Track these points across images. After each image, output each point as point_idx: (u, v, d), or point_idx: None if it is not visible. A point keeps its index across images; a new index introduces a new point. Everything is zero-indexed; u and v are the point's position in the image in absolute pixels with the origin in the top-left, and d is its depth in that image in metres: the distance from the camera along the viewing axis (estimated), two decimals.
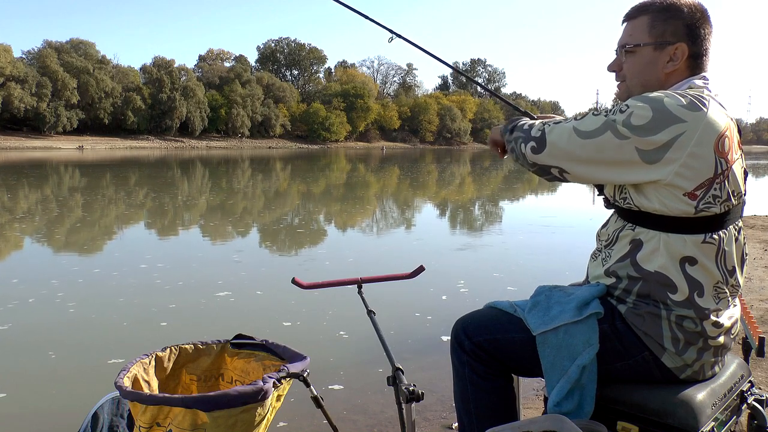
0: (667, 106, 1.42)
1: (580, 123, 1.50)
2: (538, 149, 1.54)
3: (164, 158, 41.94)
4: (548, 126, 1.54)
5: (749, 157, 60.52)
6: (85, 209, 12.17)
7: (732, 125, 1.51)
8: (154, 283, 5.82)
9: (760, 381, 3.13)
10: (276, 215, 11.86)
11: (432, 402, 3.12)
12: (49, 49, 68.43)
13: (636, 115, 1.42)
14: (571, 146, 1.49)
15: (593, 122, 1.47)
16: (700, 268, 1.48)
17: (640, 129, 1.41)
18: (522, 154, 1.58)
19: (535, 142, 1.54)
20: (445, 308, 4.90)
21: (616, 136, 1.43)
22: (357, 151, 72.25)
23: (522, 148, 1.58)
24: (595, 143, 1.46)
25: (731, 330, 1.57)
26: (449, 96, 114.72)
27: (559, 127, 1.52)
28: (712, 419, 1.48)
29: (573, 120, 1.52)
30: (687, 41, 1.54)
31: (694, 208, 1.44)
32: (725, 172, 1.45)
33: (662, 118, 1.41)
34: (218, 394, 1.63)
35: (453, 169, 31.84)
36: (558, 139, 1.51)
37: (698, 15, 1.56)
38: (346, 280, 2.08)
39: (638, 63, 1.59)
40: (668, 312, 1.50)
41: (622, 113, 1.44)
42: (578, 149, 1.48)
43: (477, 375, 1.66)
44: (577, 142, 1.48)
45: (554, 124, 1.54)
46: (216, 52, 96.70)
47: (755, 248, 7.52)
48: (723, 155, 1.45)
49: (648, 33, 1.57)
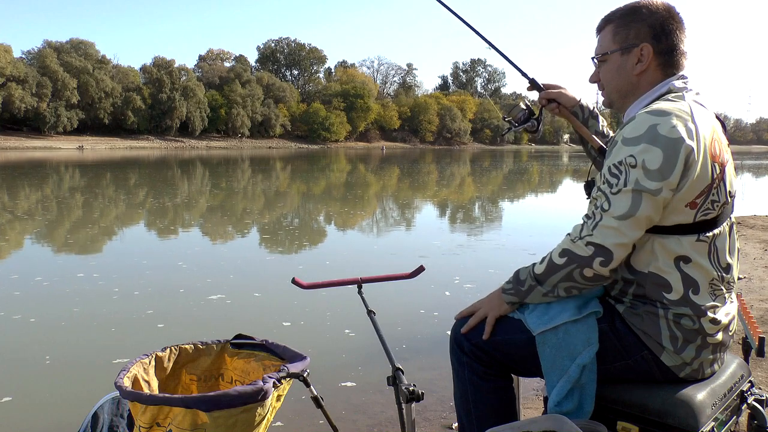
0: (664, 134, 1.42)
1: (614, 210, 1.44)
2: (607, 260, 1.46)
3: (164, 158, 41.94)
4: (591, 236, 1.46)
5: (749, 157, 60.64)
6: (85, 209, 12.17)
7: (716, 125, 1.52)
8: (155, 282, 5.82)
9: (760, 381, 3.13)
10: (276, 215, 11.86)
11: (432, 402, 3.12)
12: (49, 49, 68.45)
13: (649, 161, 1.41)
14: (629, 234, 1.44)
15: (624, 200, 1.43)
16: (695, 266, 1.49)
17: (663, 172, 1.41)
18: (593, 276, 1.49)
19: (598, 256, 1.46)
20: (446, 309, 4.90)
21: (653, 195, 1.42)
22: (357, 151, 72.24)
23: (588, 272, 1.48)
24: (644, 213, 1.43)
25: (729, 327, 1.57)
26: (449, 96, 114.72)
27: (601, 228, 1.45)
28: (712, 419, 1.48)
29: (602, 212, 1.46)
30: (651, 41, 1.57)
31: (693, 217, 1.47)
32: (720, 175, 1.48)
33: (671, 149, 1.41)
34: (218, 394, 1.63)
35: (453, 169, 31.83)
36: (614, 238, 1.44)
37: (661, 14, 1.58)
38: (346, 280, 2.07)
39: (610, 70, 1.64)
40: (665, 311, 1.50)
41: (635, 168, 1.41)
42: (635, 230, 1.44)
43: (477, 376, 1.66)
44: (629, 226, 1.44)
45: (592, 230, 1.46)
46: (216, 52, 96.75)
47: (755, 248, 7.52)
48: (716, 159, 1.47)
49: (613, 40, 1.62)
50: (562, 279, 1.52)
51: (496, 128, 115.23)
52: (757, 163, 44.02)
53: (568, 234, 1.53)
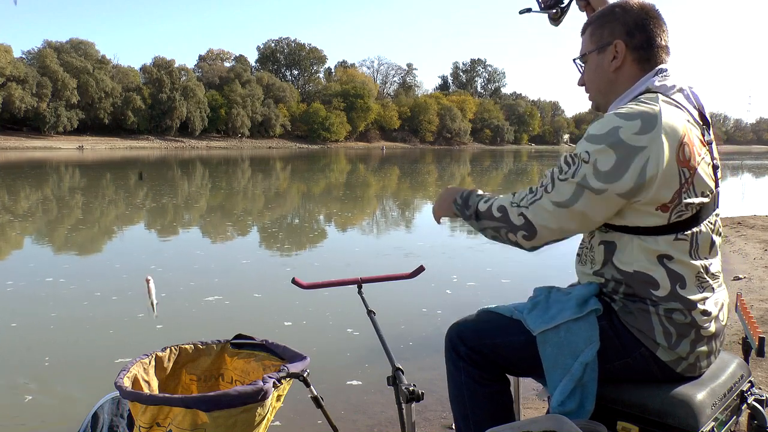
0: (624, 139, 1.43)
1: (554, 195, 1.49)
2: (530, 236, 1.53)
3: (164, 158, 41.94)
4: (526, 209, 1.53)
5: (749, 157, 60.60)
6: (84, 209, 12.17)
7: (690, 127, 1.50)
8: (154, 282, 5.81)
9: (760, 381, 3.13)
10: (276, 215, 11.86)
11: (432, 402, 3.12)
12: (49, 49, 68.41)
13: (601, 161, 1.44)
14: (559, 222, 1.50)
15: (567, 189, 1.48)
16: (678, 263, 1.50)
17: (611, 175, 1.43)
18: (514, 242, 1.58)
19: (524, 230, 1.53)
20: (446, 309, 4.90)
21: (595, 194, 1.45)
22: (357, 151, 72.24)
23: (511, 236, 1.57)
24: (579, 208, 1.47)
25: (719, 316, 1.57)
26: (449, 96, 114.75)
27: (537, 206, 1.51)
28: (712, 419, 1.48)
29: (545, 191, 1.51)
30: (624, 37, 1.60)
31: (666, 219, 1.48)
32: (690, 179, 1.47)
33: (626, 155, 1.42)
34: (218, 394, 1.63)
35: (453, 169, 31.83)
36: (544, 220, 1.50)
37: (635, 12, 1.60)
38: (346, 280, 2.07)
39: (590, 71, 1.68)
40: (656, 307, 1.51)
41: (587, 164, 1.45)
42: (567, 221, 1.50)
43: (473, 380, 1.65)
44: (562, 215, 1.49)
45: (530, 204, 1.52)
46: (216, 52, 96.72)
47: (755, 248, 7.52)
48: (685, 164, 1.46)
49: (590, 41, 1.67)
50: (492, 228, 1.61)
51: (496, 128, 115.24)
52: (757, 163, 44.02)
53: (513, 193, 1.60)
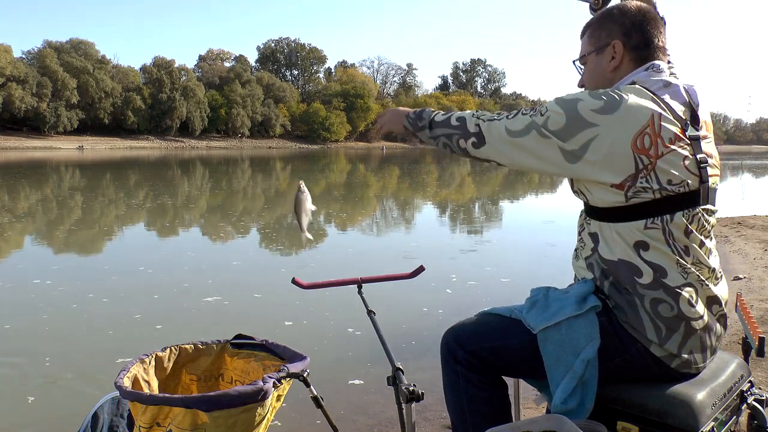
0: (580, 111, 1.50)
1: (511, 122, 1.60)
2: (479, 144, 1.64)
3: (164, 158, 41.94)
4: (483, 122, 1.64)
5: (749, 157, 60.57)
6: (84, 209, 12.17)
7: (661, 120, 1.49)
8: (154, 282, 5.82)
9: (760, 381, 3.13)
10: (276, 215, 11.86)
11: (432, 402, 3.12)
12: (49, 49, 68.44)
13: (552, 120, 1.53)
14: (504, 144, 1.60)
15: (521, 122, 1.58)
16: (654, 251, 1.51)
17: (557, 133, 1.52)
18: (462, 148, 1.68)
19: (475, 138, 1.65)
20: (446, 309, 4.90)
21: (540, 135, 1.54)
22: (357, 151, 72.24)
23: (461, 143, 1.67)
24: (524, 141, 1.57)
25: (713, 310, 1.56)
26: (449, 96, 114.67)
27: (494, 124, 1.62)
28: (712, 419, 1.48)
29: (505, 118, 1.62)
30: (621, 37, 1.63)
31: (624, 196, 1.50)
32: (649, 167, 1.48)
33: (575, 125, 1.50)
34: (218, 394, 1.63)
35: (453, 169, 31.83)
36: (494, 137, 1.61)
37: (632, 13, 1.63)
38: (346, 280, 2.08)
39: (589, 71, 1.72)
40: (641, 299, 1.51)
41: (542, 116, 1.55)
42: (510, 147, 1.60)
43: (472, 385, 1.64)
44: (509, 140, 1.59)
45: (488, 120, 1.64)
46: (216, 52, 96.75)
47: (755, 248, 7.52)
48: (643, 152, 1.47)
49: (589, 43, 1.71)
50: (445, 135, 1.72)
51: None
52: (757, 163, 44.01)
53: (477, 110, 1.72)
